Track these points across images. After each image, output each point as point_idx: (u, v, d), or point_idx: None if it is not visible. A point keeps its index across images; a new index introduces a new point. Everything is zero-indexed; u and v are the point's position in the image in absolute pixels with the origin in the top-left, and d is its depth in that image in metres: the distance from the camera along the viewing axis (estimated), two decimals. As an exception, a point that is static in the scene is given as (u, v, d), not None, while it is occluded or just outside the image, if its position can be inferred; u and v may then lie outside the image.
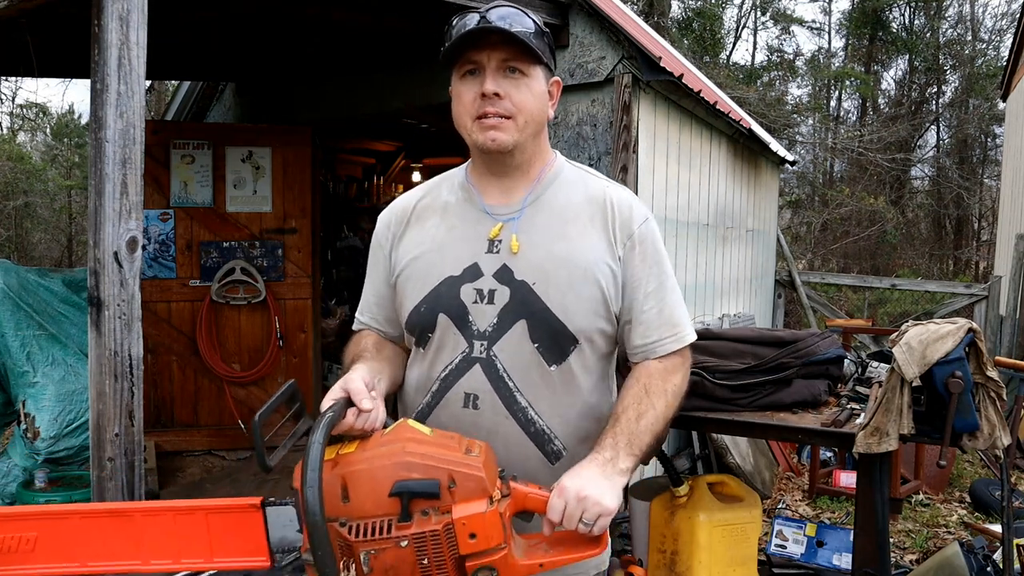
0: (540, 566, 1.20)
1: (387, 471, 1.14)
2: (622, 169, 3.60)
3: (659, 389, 1.39)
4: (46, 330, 3.83)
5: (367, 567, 1.12)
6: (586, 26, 3.71)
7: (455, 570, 1.13)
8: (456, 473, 1.15)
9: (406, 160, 7.96)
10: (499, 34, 1.31)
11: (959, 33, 16.72)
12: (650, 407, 1.36)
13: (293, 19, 3.86)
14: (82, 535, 1.23)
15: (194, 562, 1.24)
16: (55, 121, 14.84)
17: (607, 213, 1.43)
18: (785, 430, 2.32)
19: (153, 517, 1.24)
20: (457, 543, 1.13)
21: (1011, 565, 2.56)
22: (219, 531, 1.24)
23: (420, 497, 1.13)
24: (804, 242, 13.74)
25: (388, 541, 1.11)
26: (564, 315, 1.37)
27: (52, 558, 1.23)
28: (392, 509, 1.13)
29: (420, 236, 1.48)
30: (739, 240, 6.03)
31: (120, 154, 2.14)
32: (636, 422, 1.33)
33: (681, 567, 2.34)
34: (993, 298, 6.72)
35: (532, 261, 1.39)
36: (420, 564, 1.12)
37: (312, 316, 5.12)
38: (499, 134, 1.36)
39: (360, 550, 1.11)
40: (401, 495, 1.12)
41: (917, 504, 4.51)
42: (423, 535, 1.12)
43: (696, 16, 15.05)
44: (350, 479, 1.15)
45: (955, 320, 2.09)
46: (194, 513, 1.24)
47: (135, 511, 1.25)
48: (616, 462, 1.28)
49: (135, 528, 1.23)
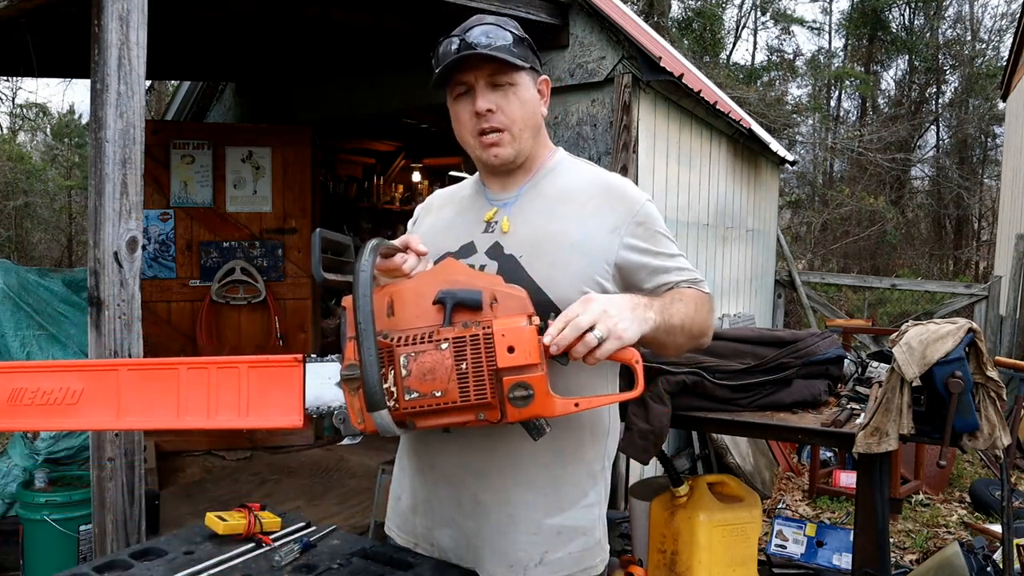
0: (576, 405, 1.21)
1: (433, 286, 1.19)
2: (622, 169, 3.60)
3: (692, 298, 1.39)
4: (46, 330, 3.83)
5: (406, 370, 1.14)
6: (586, 26, 3.71)
7: (491, 381, 1.14)
8: (499, 292, 1.19)
9: (406, 160, 7.96)
10: (480, 55, 1.37)
11: (959, 33, 16.74)
12: (682, 305, 1.36)
13: (293, 19, 3.86)
14: (125, 389, 1.25)
15: (227, 417, 1.26)
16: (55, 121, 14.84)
17: (605, 195, 1.47)
18: (785, 430, 2.32)
19: (196, 370, 1.27)
20: (496, 353, 1.14)
21: (1011, 565, 2.56)
22: (257, 387, 1.26)
23: (463, 306, 1.17)
24: (804, 242, 13.75)
25: (429, 344, 1.14)
26: (547, 285, 1.39)
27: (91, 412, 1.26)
28: (435, 320, 1.17)
29: (435, 222, 1.59)
30: (739, 240, 6.03)
31: (120, 154, 2.14)
32: (669, 305, 1.33)
33: (681, 567, 2.34)
34: (993, 298, 6.72)
35: (521, 237, 1.44)
36: (458, 369, 1.13)
37: (312, 316, 5.12)
38: (500, 150, 1.44)
39: (400, 353, 1.14)
40: (444, 300, 1.17)
41: (917, 504, 4.51)
42: (463, 339, 1.14)
43: (696, 16, 15.05)
44: (397, 296, 1.21)
45: (955, 320, 2.09)
46: (236, 366, 1.27)
47: (181, 364, 1.28)
48: (648, 308, 1.27)
49: (177, 383, 1.26)
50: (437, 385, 1.13)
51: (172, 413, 1.26)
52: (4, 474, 3.60)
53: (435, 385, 1.13)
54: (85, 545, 3.13)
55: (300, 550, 1.55)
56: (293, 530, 1.68)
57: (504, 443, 1.40)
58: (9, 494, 3.53)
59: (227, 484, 4.48)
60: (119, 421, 1.27)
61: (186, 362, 1.28)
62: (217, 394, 1.26)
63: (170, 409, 1.26)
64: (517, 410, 1.15)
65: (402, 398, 1.13)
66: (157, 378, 1.27)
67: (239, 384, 1.26)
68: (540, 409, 1.16)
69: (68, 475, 3.51)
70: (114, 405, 1.26)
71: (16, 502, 3.41)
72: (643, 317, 1.23)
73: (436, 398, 1.13)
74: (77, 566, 1.66)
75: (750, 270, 6.48)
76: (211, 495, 4.28)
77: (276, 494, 4.28)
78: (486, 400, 1.14)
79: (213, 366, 1.27)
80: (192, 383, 1.26)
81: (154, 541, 1.63)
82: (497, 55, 1.37)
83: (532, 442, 1.38)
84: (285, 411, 1.26)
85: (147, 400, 1.26)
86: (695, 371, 2.29)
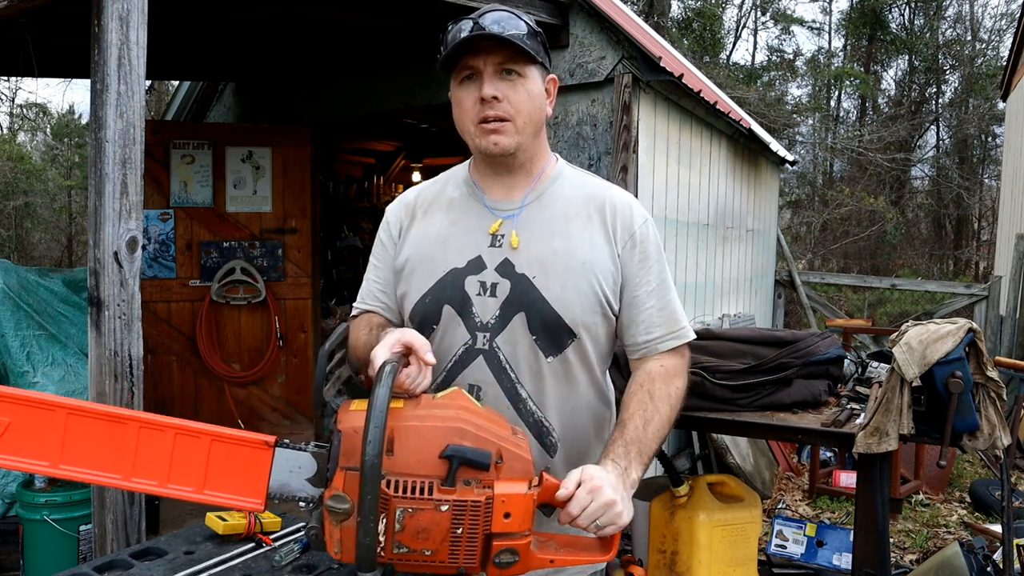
0: (551, 561, 1.20)
1: (439, 433, 1.12)
2: (622, 169, 3.60)
3: (662, 393, 1.41)
4: (46, 330, 3.83)
5: (400, 524, 1.10)
6: (586, 26, 3.71)
7: (482, 546, 1.13)
8: (506, 451, 1.15)
9: (406, 160, 7.96)
10: (493, 39, 1.33)
11: (959, 33, 16.73)
12: (655, 412, 1.37)
13: (293, 19, 3.86)
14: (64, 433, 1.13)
15: (182, 489, 1.16)
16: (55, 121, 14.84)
17: (606, 213, 1.45)
18: (785, 430, 2.32)
19: (152, 431, 1.16)
20: (492, 519, 1.12)
21: (1011, 565, 2.56)
22: (219, 462, 1.17)
23: (469, 465, 1.11)
24: (804, 242, 13.75)
25: (429, 502, 1.10)
26: (561, 308, 1.39)
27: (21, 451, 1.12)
28: (437, 471, 1.11)
29: (425, 230, 1.50)
30: (739, 240, 6.03)
31: (120, 154, 2.14)
32: (644, 429, 1.35)
33: (681, 567, 2.34)
34: (993, 298, 6.72)
35: (532, 255, 1.41)
36: (453, 532, 1.11)
37: (312, 316, 5.12)
38: (501, 138, 1.38)
39: (397, 506, 1.09)
40: (452, 459, 1.11)
41: (917, 504, 4.51)
42: (464, 503, 1.10)
43: (696, 16, 15.05)
44: (399, 433, 1.12)
45: (955, 320, 2.09)
46: (199, 437, 1.17)
47: (132, 420, 1.16)
48: (629, 472, 1.29)
49: (127, 438, 1.14)
50: (429, 544, 1.10)
51: (123, 470, 1.15)
52: (4, 474, 3.60)
53: (427, 544, 1.10)
54: (85, 545, 3.13)
55: (300, 550, 1.55)
56: (293, 530, 1.68)
57: None
58: (9, 494, 3.53)
59: (227, 484, 4.48)
60: (54, 468, 1.14)
61: (141, 420, 1.17)
62: (174, 460, 1.16)
63: (123, 465, 1.15)
64: (499, 571, 1.15)
65: (389, 549, 1.10)
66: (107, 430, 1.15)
67: (200, 455, 1.17)
68: (520, 569, 1.16)
69: (68, 475, 3.51)
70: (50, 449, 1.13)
71: (16, 502, 3.41)
72: (630, 489, 1.28)
73: (424, 555, 1.11)
74: (77, 566, 1.66)
75: (750, 270, 6.48)
76: (211, 495, 4.28)
77: (276, 494, 4.27)
78: (473, 564, 1.13)
79: (172, 430, 1.17)
80: (149, 443, 1.16)
81: (154, 541, 1.64)
82: (513, 40, 1.33)
83: (528, 428, 1.42)
84: (247, 492, 1.19)
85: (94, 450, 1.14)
86: (695, 371, 2.29)
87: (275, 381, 4.99)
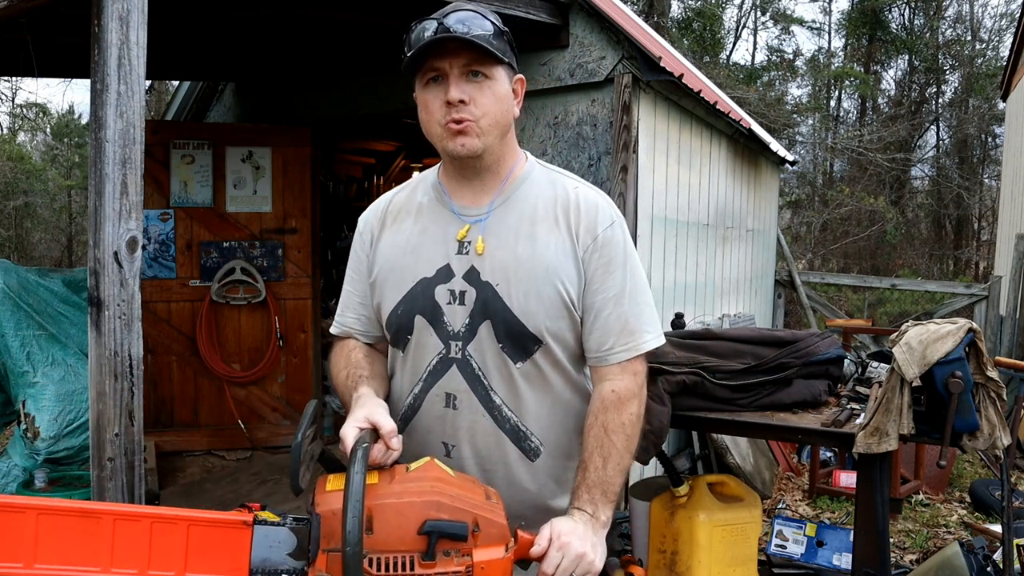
0: None
1: (416, 508, 1.16)
2: (622, 169, 3.60)
3: (615, 425, 1.40)
4: (46, 330, 3.83)
5: None
6: (586, 26, 3.71)
7: None
8: (481, 518, 1.18)
9: (406, 160, 7.95)
10: (458, 40, 1.31)
11: (959, 33, 16.73)
12: (612, 448, 1.38)
13: (293, 19, 3.86)
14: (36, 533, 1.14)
15: (164, 575, 1.17)
16: (55, 121, 14.85)
17: (571, 215, 1.43)
18: (785, 430, 2.32)
19: (127, 522, 1.17)
20: None
21: (1011, 565, 2.56)
22: (198, 544, 1.18)
23: (448, 538, 1.14)
24: (804, 242, 13.75)
25: None
26: (524, 316, 1.38)
27: None
28: (416, 546, 1.14)
29: (395, 238, 1.49)
30: (739, 240, 6.03)
31: (120, 154, 2.14)
32: (604, 468, 1.36)
33: (681, 567, 2.34)
34: (993, 298, 6.72)
35: (496, 262, 1.40)
36: None
37: (312, 316, 5.12)
38: (468, 139, 1.37)
39: None
40: (431, 534, 1.14)
41: (917, 504, 4.51)
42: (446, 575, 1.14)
43: (696, 16, 15.05)
44: (377, 511, 1.15)
45: (955, 320, 2.09)
46: (175, 523, 1.18)
47: (105, 514, 1.17)
48: (598, 516, 1.33)
49: (102, 531, 1.15)
50: None
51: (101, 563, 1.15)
52: (4, 474, 3.60)
53: None
54: (85, 545, 3.12)
55: (300, 550, 1.54)
56: (293, 530, 1.67)
57: (481, 438, 1.44)
58: (9, 494, 3.54)
59: (227, 484, 4.48)
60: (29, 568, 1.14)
61: (115, 512, 1.17)
62: (153, 547, 1.17)
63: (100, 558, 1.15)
64: None
65: None
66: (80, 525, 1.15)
67: (179, 540, 1.17)
68: None
69: (68, 475, 3.52)
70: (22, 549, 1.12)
71: (16, 502, 3.40)
72: (602, 532, 1.32)
73: None
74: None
75: (750, 270, 6.48)
76: (211, 495, 4.29)
77: (276, 494, 4.28)
78: None
79: (147, 519, 1.17)
80: (125, 533, 1.16)
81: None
82: (477, 42, 1.31)
83: (505, 434, 1.43)
84: (228, 572, 1.19)
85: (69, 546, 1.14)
86: (695, 371, 2.29)
87: (275, 381, 4.99)
